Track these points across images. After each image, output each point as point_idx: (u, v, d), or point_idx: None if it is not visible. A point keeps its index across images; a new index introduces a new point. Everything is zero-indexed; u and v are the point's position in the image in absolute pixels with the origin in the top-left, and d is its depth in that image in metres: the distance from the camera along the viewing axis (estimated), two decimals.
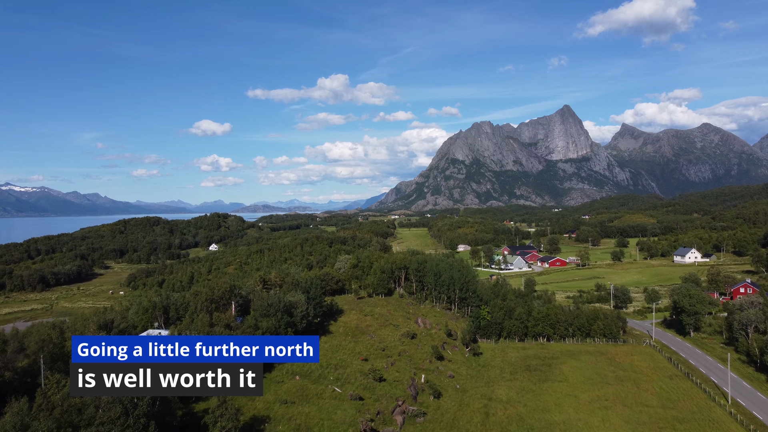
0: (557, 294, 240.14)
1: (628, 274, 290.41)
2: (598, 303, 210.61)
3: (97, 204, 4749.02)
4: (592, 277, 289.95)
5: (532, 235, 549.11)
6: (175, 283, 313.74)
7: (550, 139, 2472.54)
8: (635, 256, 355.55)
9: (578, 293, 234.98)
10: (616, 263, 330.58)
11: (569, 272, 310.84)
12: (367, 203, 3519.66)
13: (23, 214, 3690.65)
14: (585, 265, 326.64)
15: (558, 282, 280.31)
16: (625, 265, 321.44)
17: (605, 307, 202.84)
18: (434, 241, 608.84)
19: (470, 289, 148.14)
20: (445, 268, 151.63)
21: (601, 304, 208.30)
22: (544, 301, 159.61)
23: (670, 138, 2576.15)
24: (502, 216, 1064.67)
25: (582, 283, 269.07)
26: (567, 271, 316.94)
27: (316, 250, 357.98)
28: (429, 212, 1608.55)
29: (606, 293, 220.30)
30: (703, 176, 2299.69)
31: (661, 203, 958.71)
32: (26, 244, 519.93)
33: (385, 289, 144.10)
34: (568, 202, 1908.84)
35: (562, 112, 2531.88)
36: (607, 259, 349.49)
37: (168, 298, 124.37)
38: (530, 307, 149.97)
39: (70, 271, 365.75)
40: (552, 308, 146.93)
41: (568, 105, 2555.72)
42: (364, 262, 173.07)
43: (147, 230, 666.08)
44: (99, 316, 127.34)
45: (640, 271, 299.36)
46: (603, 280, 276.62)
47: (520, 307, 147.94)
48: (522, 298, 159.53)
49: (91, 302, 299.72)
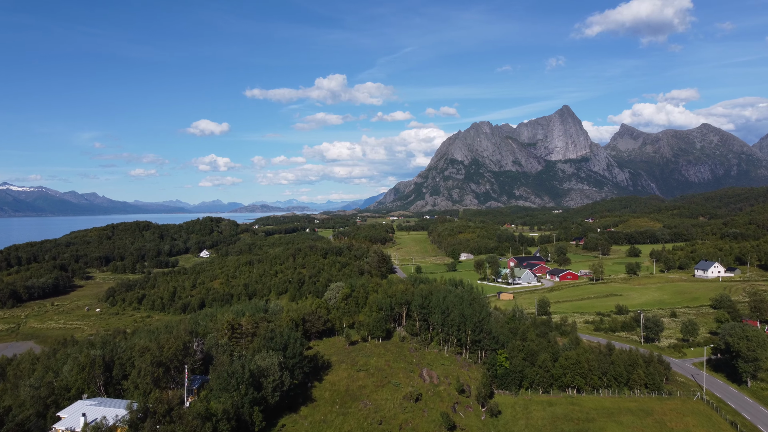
0: (574, 317, 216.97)
1: (647, 291, 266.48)
2: (623, 332, 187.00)
3: (95, 204, 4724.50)
4: (608, 294, 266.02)
5: (537, 242, 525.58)
6: (156, 300, 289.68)
7: (549, 139, 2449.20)
8: (651, 268, 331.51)
9: (598, 317, 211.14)
10: (632, 277, 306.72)
11: (583, 288, 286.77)
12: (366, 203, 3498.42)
13: (21, 214, 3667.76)
14: (599, 280, 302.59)
15: (572, 300, 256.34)
16: (642, 280, 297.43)
17: (632, 337, 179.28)
18: (434, 247, 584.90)
19: (484, 329, 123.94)
20: (454, 303, 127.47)
21: (627, 333, 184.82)
22: (571, 341, 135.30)
23: (670, 138, 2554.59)
24: (502, 218, 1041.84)
25: (599, 303, 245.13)
26: (580, 286, 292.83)
27: (309, 262, 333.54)
28: (428, 213, 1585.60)
29: (630, 319, 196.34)
30: (702, 177, 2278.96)
31: (664, 206, 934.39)
32: (6, 251, 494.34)
33: (382, 331, 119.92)
34: (567, 202, 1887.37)
35: (561, 113, 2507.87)
36: (622, 272, 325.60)
37: (113, 350, 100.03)
38: (555, 351, 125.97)
39: (45, 285, 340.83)
40: (582, 353, 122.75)
41: (567, 105, 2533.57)
42: (359, 292, 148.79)
43: (136, 235, 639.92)
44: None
45: (660, 287, 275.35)
46: (621, 298, 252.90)
47: (543, 351, 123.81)
48: (544, 337, 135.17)
49: (63, 321, 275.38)
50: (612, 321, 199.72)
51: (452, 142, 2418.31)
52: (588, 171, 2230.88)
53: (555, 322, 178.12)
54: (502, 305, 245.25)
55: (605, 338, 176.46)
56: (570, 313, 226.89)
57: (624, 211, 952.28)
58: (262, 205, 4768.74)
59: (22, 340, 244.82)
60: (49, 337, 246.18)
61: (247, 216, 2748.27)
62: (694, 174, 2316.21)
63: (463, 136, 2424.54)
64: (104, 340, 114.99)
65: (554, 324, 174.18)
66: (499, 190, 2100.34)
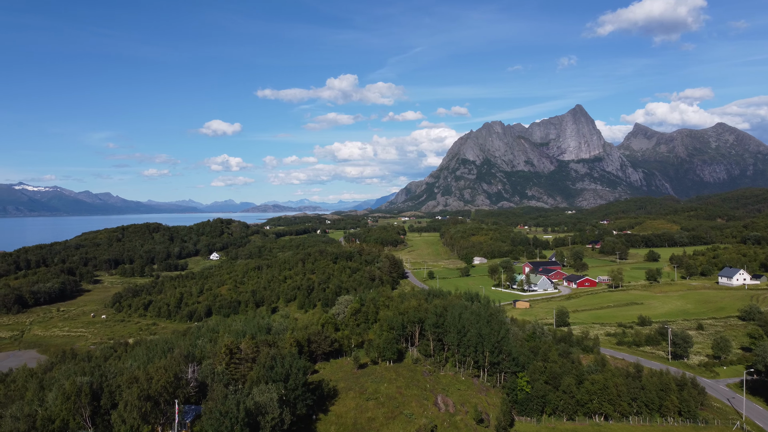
0: (595, 328, 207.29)
1: (669, 300, 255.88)
2: (648, 346, 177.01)
3: (108, 203, 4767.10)
4: (628, 302, 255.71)
5: (552, 245, 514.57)
6: (162, 307, 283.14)
7: (561, 139, 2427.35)
8: (672, 275, 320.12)
9: (620, 329, 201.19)
10: (652, 284, 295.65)
11: (601, 296, 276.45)
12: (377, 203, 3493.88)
13: (36, 214, 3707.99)
14: (618, 287, 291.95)
15: (591, 309, 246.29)
16: (663, 287, 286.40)
17: (658, 352, 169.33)
18: (447, 249, 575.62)
19: (503, 350, 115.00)
20: (470, 321, 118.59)
21: (652, 348, 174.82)
22: (597, 362, 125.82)
23: (684, 138, 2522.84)
24: (514, 219, 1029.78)
25: (619, 313, 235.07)
26: (598, 293, 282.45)
27: (319, 267, 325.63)
28: (439, 213, 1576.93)
29: (655, 332, 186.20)
30: (718, 177, 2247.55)
31: (681, 207, 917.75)
32: (16, 254, 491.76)
33: (393, 352, 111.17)
34: (580, 203, 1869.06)
35: (574, 112, 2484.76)
36: (641, 278, 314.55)
37: (102, 377, 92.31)
38: (580, 373, 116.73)
39: (51, 290, 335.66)
40: (610, 377, 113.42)
41: (580, 105, 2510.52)
42: (369, 307, 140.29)
43: (146, 237, 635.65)
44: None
45: (683, 295, 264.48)
46: (642, 307, 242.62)
47: (567, 373, 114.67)
48: (567, 357, 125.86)
49: (67, 328, 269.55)
50: (635, 334, 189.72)
51: (464, 141, 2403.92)
52: (601, 171, 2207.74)
53: (576, 337, 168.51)
54: (519, 314, 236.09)
55: (629, 353, 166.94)
56: (590, 323, 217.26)
57: (639, 212, 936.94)
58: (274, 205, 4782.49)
59: (24, 348, 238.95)
60: (52, 345, 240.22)
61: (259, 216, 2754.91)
62: (709, 174, 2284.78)
63: (474, 135, 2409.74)
64: (94, 365, 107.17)
65: (575, 338, 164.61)
66: (512, 191, 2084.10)
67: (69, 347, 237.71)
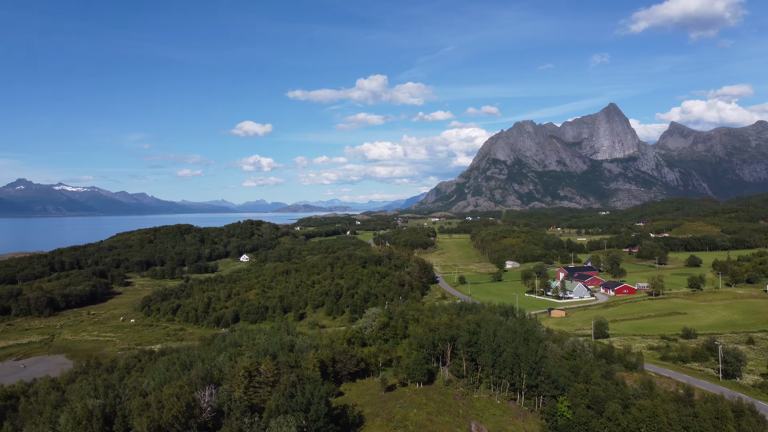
0: (636, 341, 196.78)
1: (714, 310, 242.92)
2: (695, 362, 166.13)
3: (143, 203, 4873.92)
4: (670, 311, 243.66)
5: (586, 248, 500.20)
6: (190, 312, 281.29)
7: (594, 138, 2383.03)
8: (716, 282, 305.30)
9: (664, 342, 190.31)
10: (695, 292, 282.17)
11: (641, 304, 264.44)
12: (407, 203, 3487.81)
13: (74, 213, 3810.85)
14: (658, 295, 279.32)
15: (631, 319, 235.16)
16: (707, 296, 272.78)
17: (707, 370, 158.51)
18: (478, 252, 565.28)
19: (542, 372, 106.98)
20: (506, 339, 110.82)
21: (699, 365, 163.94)
22: (643, 384, 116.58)
23: (723, 136, 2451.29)
24: (546, 220, 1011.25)
25: (661, 323, 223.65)
26: (637, 302, 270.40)
27: (347, 272, 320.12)
28: (470, 214, 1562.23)
29: (702, 346, 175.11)
30: (758, 176, 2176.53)
31: (720, 208, 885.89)
32: (51, 255, 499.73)
33: (424, 374, 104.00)
34: (614, 203, 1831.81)
35: (607, 111, 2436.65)
36: (682, 285, 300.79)
37: (117, 399, 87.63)
38: (625, 396, 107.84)
39: (82, 293, 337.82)
40: (660, 403, 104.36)
41: (614, 103, 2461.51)
42: (397, 321, 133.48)
43: (177, 239, 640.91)
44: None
45: (729, 305, 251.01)
46: (686, 318, 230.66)
47: (612, 398, 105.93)
48: (611, 379, 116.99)
49: (96, 333, 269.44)
50: (680, 348, 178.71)
51: (494, 141, 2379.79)
52: (636, 171, 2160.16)
53: (618, 351, 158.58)
54: (554, 324, 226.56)
55: (675, 370, 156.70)
56: (630, 335, 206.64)
57: (676, 213, 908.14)
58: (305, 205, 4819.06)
59: (53, 353, 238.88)
60: (80, 350, 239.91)
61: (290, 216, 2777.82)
62: (749, 173, 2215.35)
63: (505, 135, 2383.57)
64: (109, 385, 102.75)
65: (617, 354, 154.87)
66: (543, 191, 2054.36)
67: (97, 352, 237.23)
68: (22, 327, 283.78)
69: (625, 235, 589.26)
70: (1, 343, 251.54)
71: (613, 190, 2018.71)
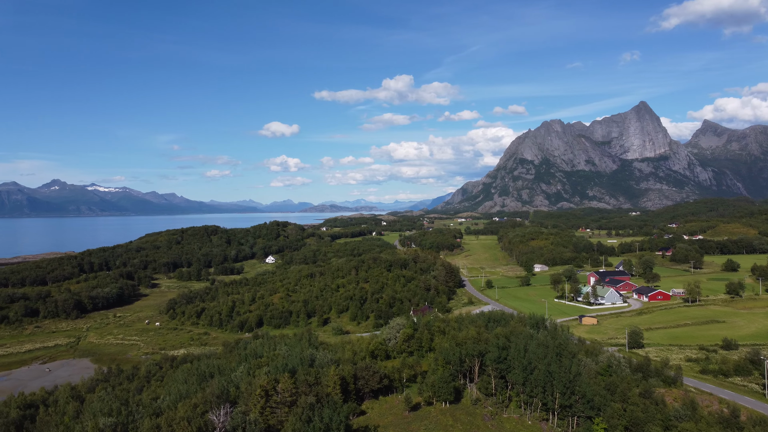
0: (673, 351, 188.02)
1: (755, 318, 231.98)
2: (738, 377, 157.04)
3: (173, 204, 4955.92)
4: (708, 320, 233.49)
5: (617, 251, 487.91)
6: (214, 315, 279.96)
7: (624, 137, 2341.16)
8: (756, 288, 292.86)
9: (703, 354, 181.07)
10: (734, 299, 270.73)
11: (676, 311, 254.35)
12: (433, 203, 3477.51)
13: (107, 213, 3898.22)
14: (695, 301, 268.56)
15: (666, 327, 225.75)
16: (747, 303, 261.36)
17: (751, 385, 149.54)
18: (505, 254, 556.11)
19: (577, 391, 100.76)
20: (537, 356, 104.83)
21: (743, 379, 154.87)
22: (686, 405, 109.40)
23: (758, 134, 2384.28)
24: (575, 221, 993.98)
25: (698, 332, 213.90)
26: (673, 308, 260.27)
27: (372, 275, 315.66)
28: (496, 214, 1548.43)
29: (744, 360, 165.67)
30: None
31: (757, 209, 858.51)
32: (80, 256, 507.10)
33: (450, 392, 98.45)
34: (644, 203, 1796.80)
35: (638, 109, 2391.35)
36: (720, 291, 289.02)
37: (129, 417, 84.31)
38: (666, 417, 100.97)
39: (109, 295, 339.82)
40: (705, 427, 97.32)
41: (644, 101, 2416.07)
42: (422, 333, 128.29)
43: (204, 240, 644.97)
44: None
45: None
46: (725, 327, 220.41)
47: (652, 420, 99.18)
48: (649, 398, 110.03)
49: (121, 336, 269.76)
50: (722, 360, 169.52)
51: (522, 141, 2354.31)
52: (667, 170, 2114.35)
53: (655, 364, 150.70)
54: (585, 332, 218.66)
55: (716, 385, 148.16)
56: (666, 345, 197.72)
57: (710, 214, 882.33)
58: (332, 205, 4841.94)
59: (79, 357, 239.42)
60: (105, 354, 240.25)
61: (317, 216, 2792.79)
62: None
63: (533, 135, 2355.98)
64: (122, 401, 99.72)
65: (654, 367, 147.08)
66: (571, 191, 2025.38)
67: (121, 357, 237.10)
68: (49, 329, 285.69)
69: (658, 237, 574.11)
70: (28, 345, 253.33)
71: (644, 190, 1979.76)
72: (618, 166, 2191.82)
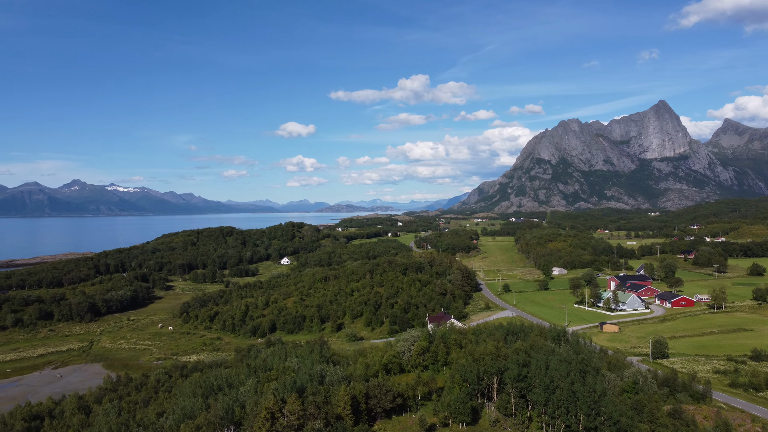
0: (699, 362, 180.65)
1: None
2: None
3: (191, 203, 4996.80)
4: (735, 328, 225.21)
5: (638, 253, 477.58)
6: (227, 320, 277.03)
7: (643, 136, 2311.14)
8: None
9: (731, 365, 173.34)
10: (761, 305, 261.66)
11: (701, 318, 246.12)
12: (449, 203, 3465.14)
13: (125, 213, 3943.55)
14: (720, 308, 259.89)
15: (691, 335, 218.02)
16: None
17: None
18: (522, 256, 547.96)
19: (602, 413, 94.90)
20: (559, 374, 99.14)
21: None
22: (717, 426, 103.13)
23: None
24: (593, 222, 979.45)
25: (725, 341, 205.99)
26: (697, 315, 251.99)
27: (387, 279, 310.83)
28: (513, 215, 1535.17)
29: None
30: None
31: None
32: (96, 258, 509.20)
33: (467, 414, 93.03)
34: (664, 203, 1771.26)
35: (657, 108, 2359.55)
36: (747, 297, 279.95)
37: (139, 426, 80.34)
38: None
39: (123, 298, 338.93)
40: None
41: (663, 100, 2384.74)
42: (438, 346, 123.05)
43: (219, 242, 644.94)
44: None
45: None
46: (753, 335, 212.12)
47: None
48: (679, 418, 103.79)
49: (134, 340, 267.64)
50: (752, 373, 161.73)
51: (539, 140, 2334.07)
52: (687, 170, 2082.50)
53: (682, 378, 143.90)
54: (607, 340, 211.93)
55: (747, 400, 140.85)
56: (692, 355, 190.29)
57: (732, 215, 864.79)
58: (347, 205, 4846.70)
59: (91, 362, 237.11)
60: (117, 359, 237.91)
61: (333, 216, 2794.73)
62: None
63: (550, 134, 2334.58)
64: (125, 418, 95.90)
65: (681, 381, 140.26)
66: (589, 191, 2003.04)
67: (133, 362, 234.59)
68: (63, 333, 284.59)
69: (679, 238, 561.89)
70: (41, 350, 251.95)
71: (663, 190, 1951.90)
72: (637, 166, 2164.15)
